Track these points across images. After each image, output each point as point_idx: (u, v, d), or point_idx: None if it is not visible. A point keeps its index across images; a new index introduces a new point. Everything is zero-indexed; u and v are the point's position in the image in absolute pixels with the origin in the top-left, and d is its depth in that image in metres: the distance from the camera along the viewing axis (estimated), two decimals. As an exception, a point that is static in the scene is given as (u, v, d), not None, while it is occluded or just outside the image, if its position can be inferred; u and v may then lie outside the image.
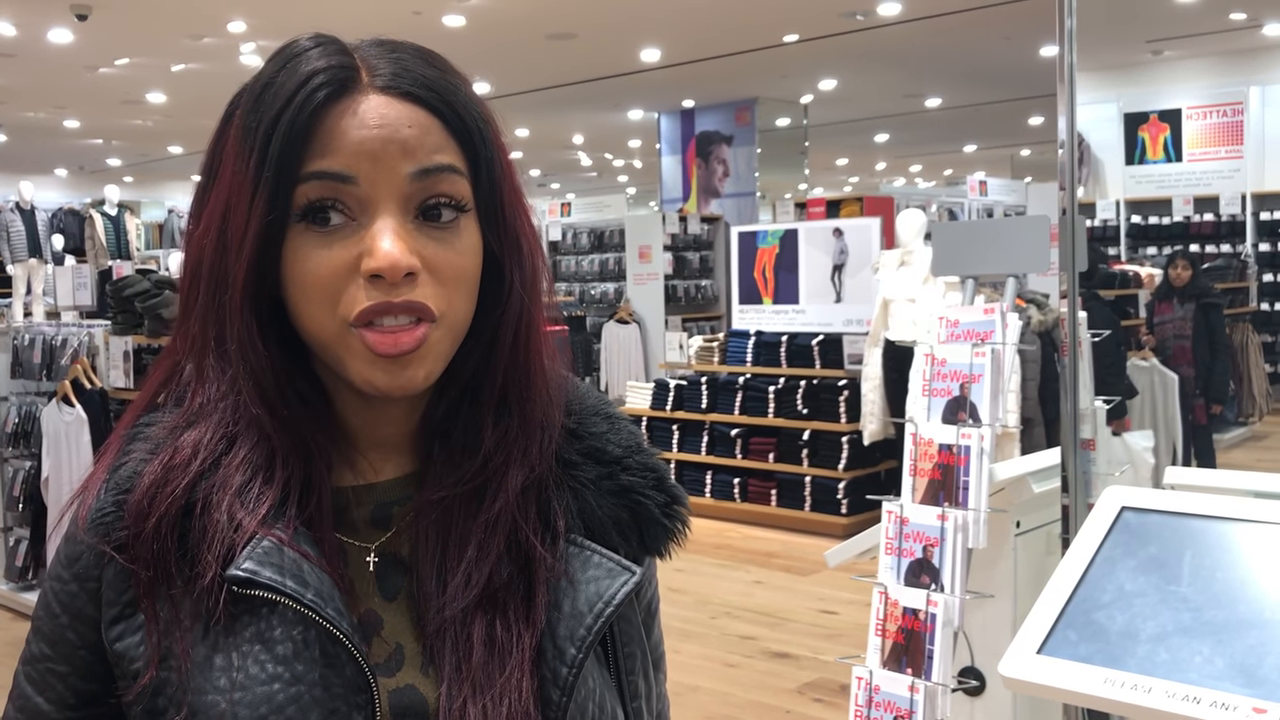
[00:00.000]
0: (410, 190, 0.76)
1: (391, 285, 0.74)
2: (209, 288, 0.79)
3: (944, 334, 2.35)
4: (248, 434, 0.79)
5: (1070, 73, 2.16)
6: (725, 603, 5.77)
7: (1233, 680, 1.41)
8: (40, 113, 14.12)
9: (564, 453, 0.86)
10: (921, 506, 2.28)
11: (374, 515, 0.83)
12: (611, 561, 0.82)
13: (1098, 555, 1.66)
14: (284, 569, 0.75)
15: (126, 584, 0.78)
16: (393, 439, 0.84)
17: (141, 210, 19.09)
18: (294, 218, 0.76)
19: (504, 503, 0.81)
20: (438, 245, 0.77)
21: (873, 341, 6.74)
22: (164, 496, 0.77)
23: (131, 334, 5.54)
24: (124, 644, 0.78)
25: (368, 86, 0.77)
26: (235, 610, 0.76)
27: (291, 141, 0.74)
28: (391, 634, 0.80)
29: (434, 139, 0.77)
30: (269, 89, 0.77)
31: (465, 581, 0.79)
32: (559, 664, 0.78)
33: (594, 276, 11.77)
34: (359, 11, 9.13)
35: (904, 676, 2.22)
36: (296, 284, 0.76)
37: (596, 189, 21.88)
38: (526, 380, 0.84)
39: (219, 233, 0.78)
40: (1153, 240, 12.14)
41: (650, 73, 12.17)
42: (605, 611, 0.79)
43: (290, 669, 0.75)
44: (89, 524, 0.79)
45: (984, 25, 10.12)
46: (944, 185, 22.21)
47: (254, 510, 0.77)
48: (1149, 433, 2.92)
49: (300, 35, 0.80)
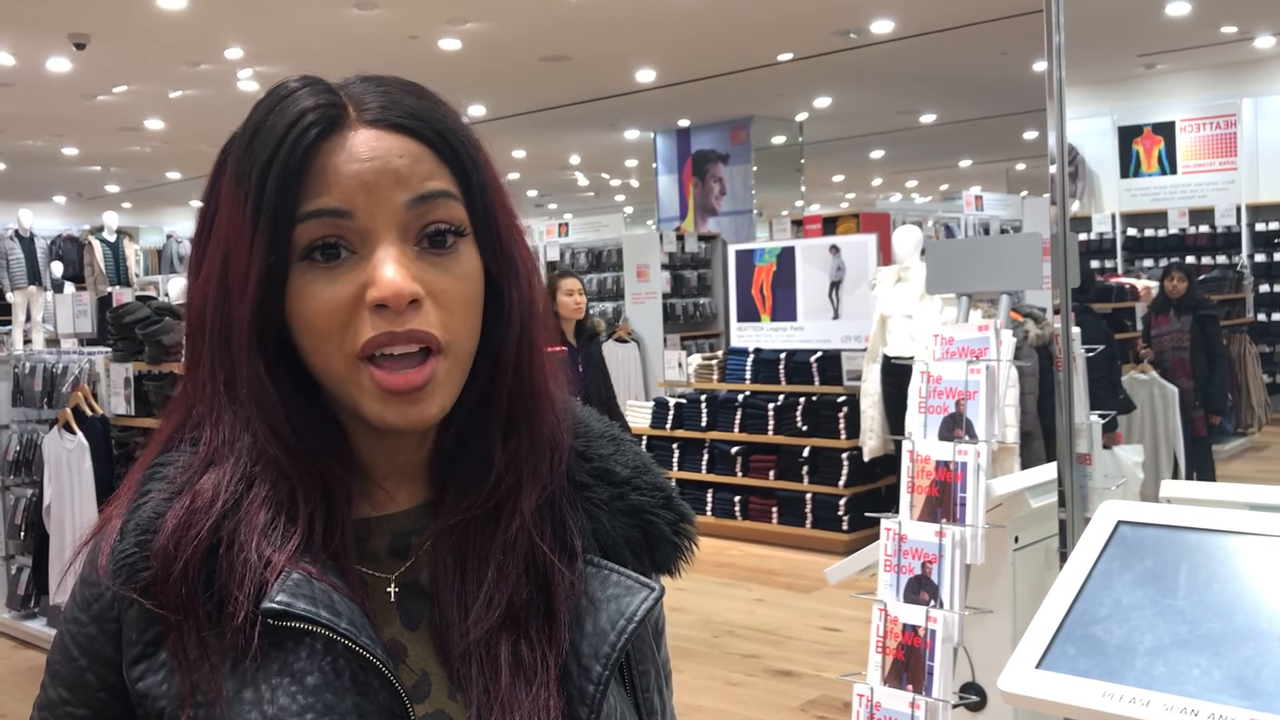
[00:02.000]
0: (407, 218, 0.77)
1: (396, 314, 0.75)
2: (215, 335, 0.79)
3: (939, 351, 2.37)
4: (266, 474, 0.79)
5: (1059, 88, 2.18)
6: (727, 621, 5.76)
7: (1230, 692, 1.42)
8: (39, 140, 14.17)
9: (575, 474, 0.86)
10: (919, 523, 2.29)
11: (392, 545, 0.83)
12: (630, 579, 0.83)
13: (1095, 569, 1.67)
14: (316, 600, 0.75)
15: (148, 624, 0.78)
16: (406, 468, 0.85)
17: (140, 236, 19.12)
18: (296, 257, 0.76)
19: (520, 523, 0.82)
20: (439, 271, 0.77)
21: (871, 358, 6.75)
22: (189, 540, 0.77)
23: (132, 360, 5.54)
24: (146, 683, 0.78)
25: (356, 121, 0.78)
26: (263, 644, 0.76)
27: (287, 182, 0.75)
28: (417, 662, 0.81)
29: (426, 167, 0.78)
30: (259, 133, 0.77)
31: (487, 604, 0.80)
32: (585, 682, 0.79)
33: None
34: (355, 36, 9.17)
35: (905, 693, 2.22)
36: (303, 322, 0.77)
37: (594, 209, 21.93)
38: (532, 399, 0.84)
39: (220, 279, 0.78)
40: (1149, 253, 12.18)
41: (645, 93, 12.23)
42: (628, 628, 0.80)
43: (321, 699, 0.75)
44: (112, 568, 0.78)
45: (977, 41, 10.18)
46: (940, 200, 22.25)
47: (283, 547, 0.77)
48: (1139, 447, 2.94)
49: (287, 78, 0.81)
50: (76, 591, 0.82)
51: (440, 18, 8.97)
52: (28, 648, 5.77)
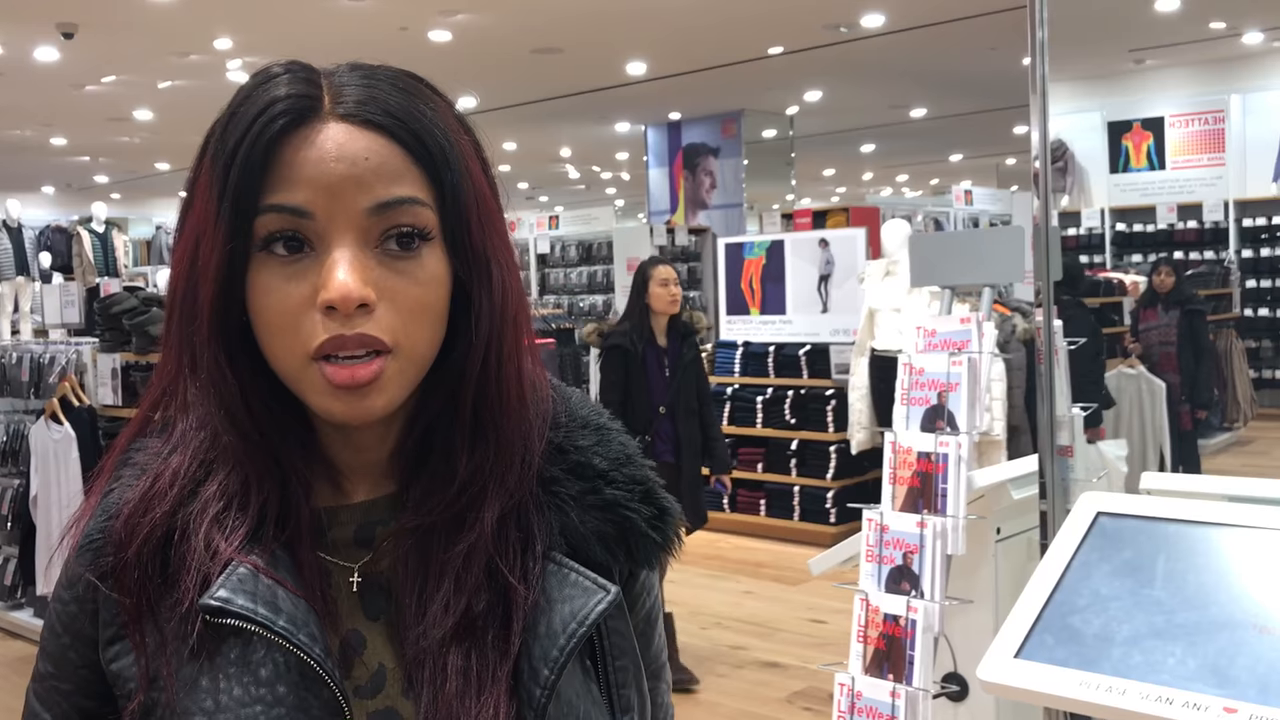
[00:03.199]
0: (368, 223, 0.76)
1: (346, 317, 0.74)
2: (182, 316, 0.79)
3: (921, 343, 2.38)
4: (224, 461, 0.80)
5: (1043, 84, 2.19)
6: (715, 613, 5.78)
7: (1204, 681, 1.43)
8: (27, 130, 14.11)
9: (545, 470, 0.85)
10: (901, 514, 2.31)
11: (357, 535, 0.83)
12: (589, 580, 0.82)
13: (1074, 560, 1.68)
14: (258, 596, 0.76)
15: (119, 608, 0.80)
16: (369, 462, 0.84)
17: (129, 227, 19.04)
18: (255, 248, 0.76)
19: (480, 533, 0.81)
20: (397, 276, 0.76)
21: (859, 351, 6.77)
22: (144, 525, 0.78)
23: (120, 351, 5.53)
24: (119, 665, 0.80)
25: (329, 114, 0.76)
26: (219, 634, 0.77)
27: (249, 172, 0.74)
28: (373, 655, 0.81)
29: (393, 168, 0.76)
30: (234, 118, 0.77)
31: (444, 609, 0.79)
32: (533, 685, 0.78)
33: (582, 289, 11.79)
34: (345, 27, 9.15)
35: (886, 682, 2.24)
36: (260, 316, 0.77)
37: (584, 201, 21.91)
38: (501, 408, 0.82)
39: (190, 262, 0.78)
40: (1137, 248, 12.22)
41: (636, 86, 12.22)
42: (578, 631, 0.79)
43: (272, 691, 0.76)
44: (79, 550, 0.81)
45: (967, 36, 10.19)
46: (930, 195, 22.29)
47: (229, 538, 0.78)
48: (1123, 441, 2.96)
49: (275, 61, 0.79)
50: (62, 571, 0.84)
51: (431, 9, 8.95)
52: (15, 638, 5.77)
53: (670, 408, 4.74)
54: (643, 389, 4.70)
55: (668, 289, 4.68)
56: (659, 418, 4.71)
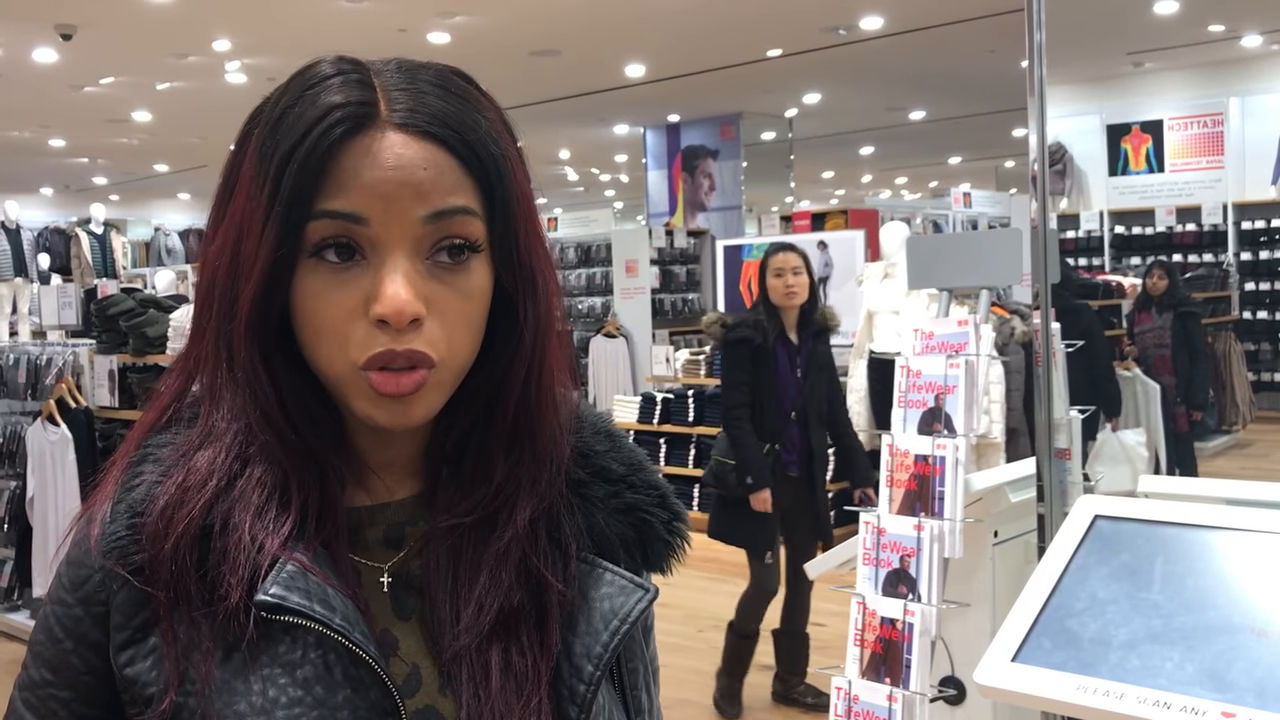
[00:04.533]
0: (422, 233, 0.75)
1: (397, 331, 0.74)
2: (220, 310, 0.78)
3: (918, 345, 2.38)
4: (261, 455, 0.79)
5: (1041, 86, 2.19)
6: (713, 616, 5.76)
7: (1202, 685, 1.43)
8: (25, 132, 14.10)
9: (573, 473, 0.86)
10: (898, 517, 2.30)
11: (387, 536, 0.83)
12: (624, 579, 0.83)
13: (1071, 563, 1.68)
14: (310, 593, 0.75)
15: (137, 607, 0.77)
16: (400, 460, 0.84)
17: (128, 229, 19.03)
18: (305, 253, 0.75)
19: (513, 533, 0.81)
20: (445, 289, 0.76)
21: (857, 354, 6.77)
22: (181, 517, 0.76)
23: (116, 353, 5.53)
24: (134, 669, 0.77)
25: (385, 122, 0.75)
26: (266, 632, 0.76)
27: (305, 177, 0.74)
28: (408, 654, 0.80)
29: (449, 180, 0.76)
30: (286, 117, 0.76)
31: (478, 610, 0.80)
32: (576, 681, 0.79)
33: (581, 291, 11.78)
34: (343, 29, 9.15)
35: (883, 686, 2.23)
36: (306, 321, 0.76)
37: (583, 204, 21.90)
38: (539, 414, 0.84)
39: (232, 256, 0.77)
40: (1136, 251, 12.21)
41: (635, 88, 12.22)
42: (621, 629, 0.80)
43: (311, 693, 0.75)
44: (104, 548, 0.77)
45: (966, 38, 10.19)
46: (929, 197, 22.30)
47: (275, 531, 0.76)
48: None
49: (322, 58, 0.79)
50: (63, 573, 0.81)
51: (429, 11, 8.95)
52: (10, 640, 5.76)
53: (801, 413, 4.26)
54: (771, 391, 4.19)
55: (782, 279, 4.11)
56: (788, 424, 4.25)
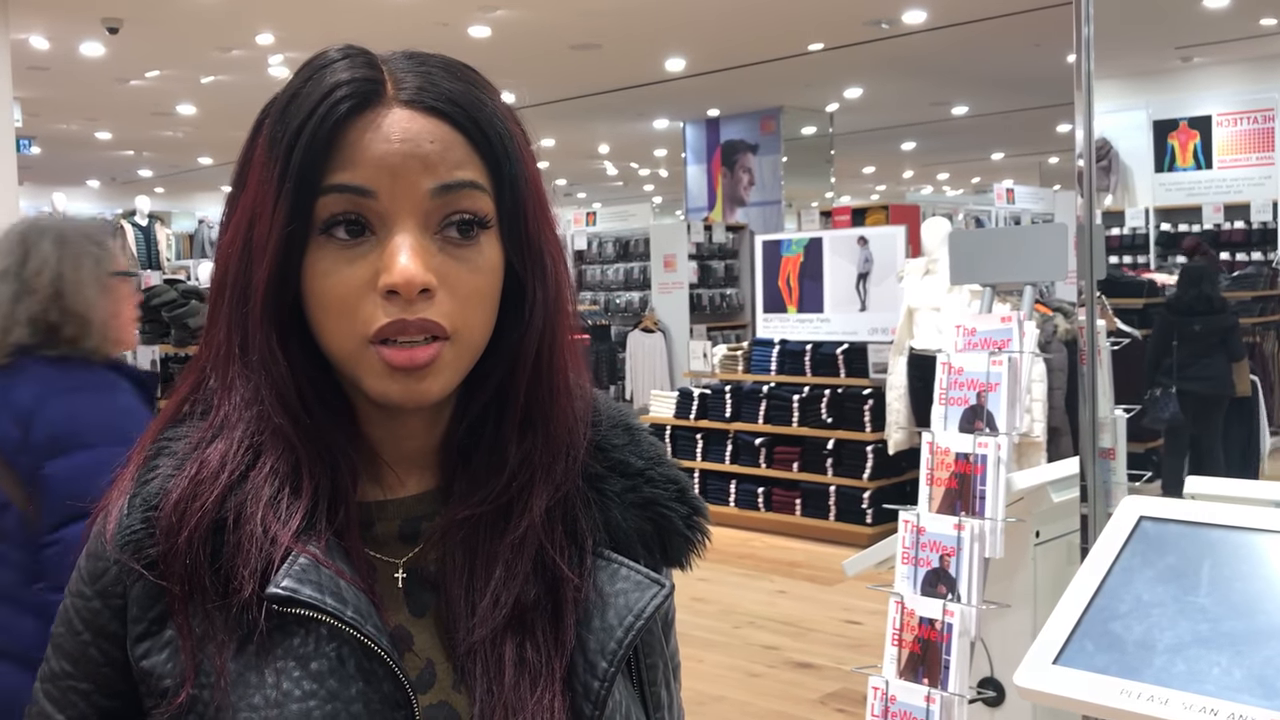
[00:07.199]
0: (430, 206, 0.76)
1: (407, 302, 0.74)
2: (233, 297, 0.79)
3: (960, 342, 2.34)
4: (273, 444, 0.79)
5: (1088, 81, 2.15)
6: (748, 612, 5.75)
7: (1251, 692, 1.40)
8: (72, 125, 14.29)
9: (590, 466, 0.85)
10: (938, 516, 2.27)
11: (401, 530, 0.83)
12: (640, 575, 0.82)
13: (1115, 565, 1.65)
14: (323, 586, 0.75)
15: (154, 600, 0.77)
16: (415, 453, 0.84)
17: (172, 221, 19.26)
18: (315, 230, 0.76)
19: (530, 523, 0.81)
20: (456, 263, 0.76)
21: (897, 350, 6.71)
22: (194, 510, 0.76)
23: (159, 343, 5.59)
24: (150, 661, 0.77)
25: (392, 100, 0.76)
26: (279, 625, 0.76)
27: (313, 153, 0.75)
28: (422, 650, 0.80)
29: (457, 154, 0.76)
30: (295, 100, 0.77)
31: (494, 603, 0.79)
32: (590, 678, 0.78)
33: (619, 285, 11.78)
34: (385, 23, 9.20)
35: (920, 687, 2.21)
36: (316, 299, 0.77)
37: (622, 198, 21.92)
38: (550, 398, 0.83)
39: (244, 242, 0.78)
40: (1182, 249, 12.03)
41: (675, 82, 12.18)
42: (636, 625, 0.80)
43: (325, 685, 0.75)
44: (118, 542, 0.78)
45: (1011, 32, 10.08)
46: (971, 193, 22.09)
47: (286, 523, 0.76)
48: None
49: (330, 47, 0.80)
50: (82, 565, 0.81)
51: (471, 5, 8.97)
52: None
53: None
54: None
55: None
56: None
